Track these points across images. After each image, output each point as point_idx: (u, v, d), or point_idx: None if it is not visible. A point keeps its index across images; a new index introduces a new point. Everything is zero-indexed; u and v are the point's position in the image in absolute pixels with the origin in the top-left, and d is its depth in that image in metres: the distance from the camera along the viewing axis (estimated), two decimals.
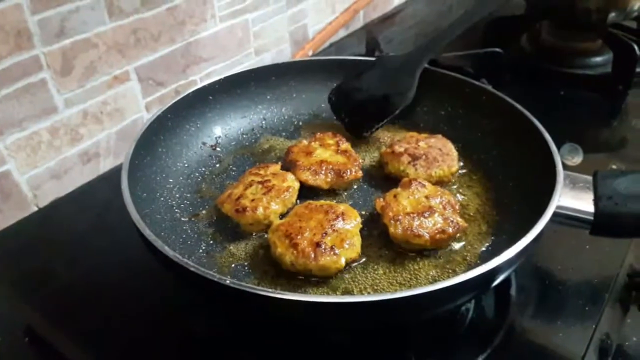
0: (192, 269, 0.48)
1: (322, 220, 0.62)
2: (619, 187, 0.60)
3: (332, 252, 0.58)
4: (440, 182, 0.71)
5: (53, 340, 0.63)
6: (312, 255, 0.58)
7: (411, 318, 0.55)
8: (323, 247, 0.58)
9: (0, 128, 0.78)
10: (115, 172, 0.61)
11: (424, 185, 0.66)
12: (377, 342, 0.60)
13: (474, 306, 0.63)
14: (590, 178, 0.62)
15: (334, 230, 0.61)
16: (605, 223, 0.59)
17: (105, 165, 0.94)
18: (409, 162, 0.71)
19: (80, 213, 0.81)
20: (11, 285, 0.70)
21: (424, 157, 0.72)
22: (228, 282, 0.48)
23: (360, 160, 0.75)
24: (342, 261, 0.59)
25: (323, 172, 0.71)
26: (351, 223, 0.63)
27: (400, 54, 0.83)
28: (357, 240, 0.62)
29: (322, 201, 0.66)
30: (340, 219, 0.62)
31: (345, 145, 0.76)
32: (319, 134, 0.78)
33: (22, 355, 0.62)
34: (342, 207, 0.64)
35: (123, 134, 0.95)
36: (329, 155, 0.74)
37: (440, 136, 0.77)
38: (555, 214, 0.56)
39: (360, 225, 0.64)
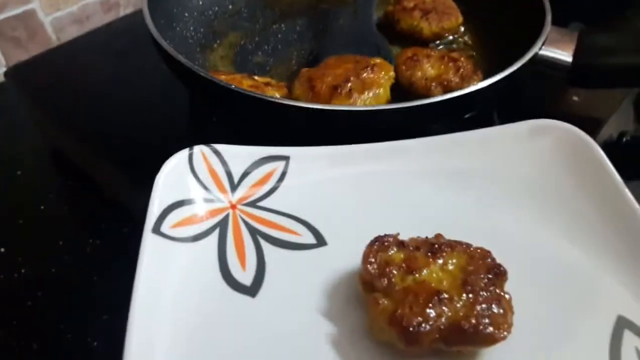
0: (219, 82, 0.53)
1: (350, 69, 0.60)
2: (599, 42, 0.65)
3: (348, 96, 0.57)
4: (440, 36, 0.76)
5: (80, 162, 0.68)
6: (327, 98, 0.57)
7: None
8: (339, 90, 0.57)
9: None
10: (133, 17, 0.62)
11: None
12: None
13: None
14: (576, 34, 0.66)
15: (359, 78, 0.59)
16: (581, 73, 0.64)
17: (125, 15, 0.98)
18: (421, 17, 0.76)
19: (100, 50, 0.85)
20: (38, 111, 0.75)
21: (433, 10, 0.76)
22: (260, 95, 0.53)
23: None
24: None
25: None
26: (381, 75, 0.61)
27: None
28: (384, 93, 0.60)
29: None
30: (369, 69, 0.60)
31: None
32: None
33: (50, 179, 0.66)
34: (376, 60, 0.63)
35: None
36: None
37: None
38: (534, 59, 0.60)
39: (393, 81, 0.62)
